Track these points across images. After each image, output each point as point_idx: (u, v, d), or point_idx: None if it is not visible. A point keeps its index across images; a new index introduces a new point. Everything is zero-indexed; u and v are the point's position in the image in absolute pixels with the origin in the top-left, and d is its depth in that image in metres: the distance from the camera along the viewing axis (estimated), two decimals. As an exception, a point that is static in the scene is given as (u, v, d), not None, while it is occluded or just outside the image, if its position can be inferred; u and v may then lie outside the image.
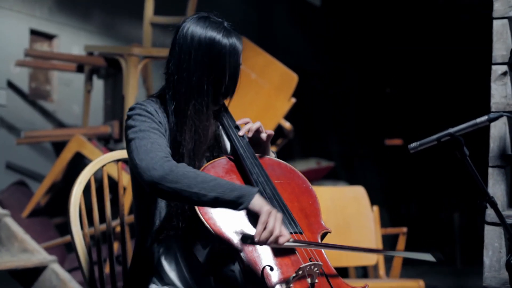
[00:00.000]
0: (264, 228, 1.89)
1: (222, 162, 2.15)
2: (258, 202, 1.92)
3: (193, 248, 2.08)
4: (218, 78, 2.10)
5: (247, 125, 2.22)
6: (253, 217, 1.99)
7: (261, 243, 1.89)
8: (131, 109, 2.12)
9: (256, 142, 2.24)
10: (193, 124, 2.09)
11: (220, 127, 2.26)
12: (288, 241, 1.92)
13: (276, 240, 1.89)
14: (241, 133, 2.20)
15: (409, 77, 10.73)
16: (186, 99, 2.10)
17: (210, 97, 2.10)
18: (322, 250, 2.09)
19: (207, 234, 1.99)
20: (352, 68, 10.30)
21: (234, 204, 1.91)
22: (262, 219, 1.89)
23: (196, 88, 2.09)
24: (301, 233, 2.06)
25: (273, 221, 1.90)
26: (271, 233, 1.88)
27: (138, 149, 1.99)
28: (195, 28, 2.10)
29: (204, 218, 1.98)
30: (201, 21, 2.12)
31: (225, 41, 2.09)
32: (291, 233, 2.02)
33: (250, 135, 2.21)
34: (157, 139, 2.04)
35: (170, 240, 2.12)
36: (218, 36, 2.09)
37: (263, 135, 2.23)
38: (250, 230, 2.01)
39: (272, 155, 2.32)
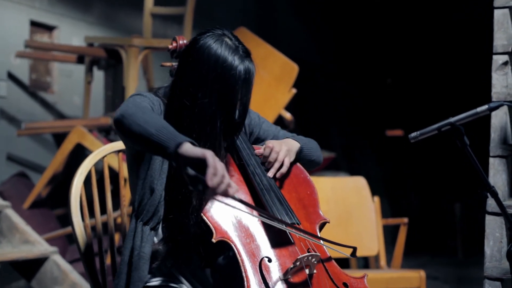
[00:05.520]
0: (214, 174, 1.70)
1: (218, 153, 2.14)
2: (197, 149, 1.74)
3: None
4: (229, 110, 2.01)
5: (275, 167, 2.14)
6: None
7: (212, 189, 1.70)
8: (131, 95, 2.07)
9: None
10: None
11: None
12: (236, 192, 1.78)
13: (226, 189, 1.72)
14: (270, 174, 2.12)
15: (409, 68, 10.70)
16: (197, 135, 1.99)
17: (221, 134, 2.01)
18: (321, 241, 2.09)
19: (204, 227, 1.98)
20: (352, 59, 10.28)
21: (162, 145, 1.77)
22: (210, 162, 1.70)
23: (209, 126, 1.99)
24: (298, 223, 2.06)
25: (221, 167, 1.72)
26: (222, 179, 1.71)
27: (127, 106, 1.91)
28: (209, 52, 2.00)
29: (201, 212, 1.97)
30: (217, 44, 2.01)
31: (240, 66, 2.00)
32: (288, 224, 2.01)
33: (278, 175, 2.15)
34: (146, 104, 1.99)
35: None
36: (235, 62, 1.99)
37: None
38: (249, 223, 2.01)
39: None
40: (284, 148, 2.15)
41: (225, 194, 1.74)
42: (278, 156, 2.13)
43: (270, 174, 2.12)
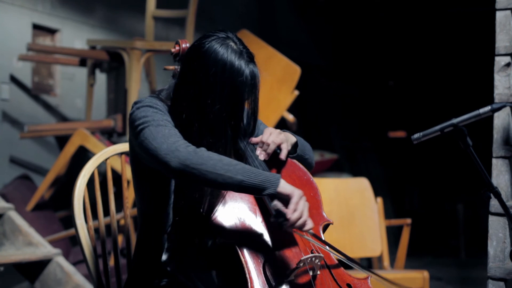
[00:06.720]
0: (295, 210, 1.88)
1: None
2: (288, 186, 1.90)
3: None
4: (237, 115, 2.00)
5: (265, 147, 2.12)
6: (260, 209, 1.99)
7: (291, 223, 1.88)
8: (139, 101, 2.03)
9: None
10: None
11: None
12: (311, 228, 1.93)
13: (303, 224, 1.90)
14: (262, 157, 2.11)
15: (411, 70, 10.71)
16: (208, 142, 1.97)
17: (231, 139, 2.01)
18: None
19: (208, 229, 1.99)
20: (354, 62, 10.28)
21: (258, 188, 1.88)
22: (294, 200, 1.89)
23: (219, 133, 1.98)
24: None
25: (303, 205, 1.90)
26: (301, 215, 1.88)
27: (155, 135, 1.90)
28: (215, 56, 1.97)
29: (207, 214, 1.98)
30: (223, 48, 1.98)
31: (247, 71, 1.98)
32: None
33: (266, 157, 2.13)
34: (173, 129, 1.95)
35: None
36: (242, 67, 1.97)
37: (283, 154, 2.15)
38: (252, 224, 2.01)
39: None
40: (280, 135, 2.15)
41: (301, 229, 1.91)
42: (271, 137, 2.12)
43: (262, 156, 2.10)
